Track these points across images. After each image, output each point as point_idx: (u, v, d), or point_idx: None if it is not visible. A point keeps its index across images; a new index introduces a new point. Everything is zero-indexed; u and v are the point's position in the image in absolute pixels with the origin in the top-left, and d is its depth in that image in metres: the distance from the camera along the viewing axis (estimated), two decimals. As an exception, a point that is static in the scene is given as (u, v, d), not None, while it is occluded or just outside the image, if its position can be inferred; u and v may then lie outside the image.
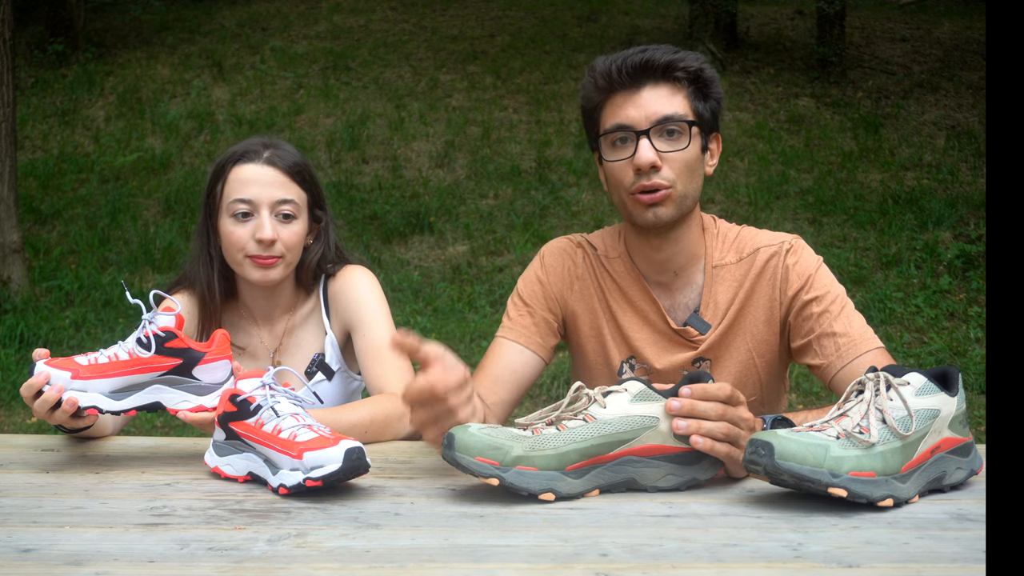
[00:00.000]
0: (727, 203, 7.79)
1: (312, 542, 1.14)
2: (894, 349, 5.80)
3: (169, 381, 1.50)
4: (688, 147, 1.71)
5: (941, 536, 1.16)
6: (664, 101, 1.70)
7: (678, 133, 1.70)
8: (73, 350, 5.93)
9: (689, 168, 1.72)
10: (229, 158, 1.87)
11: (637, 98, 1.70)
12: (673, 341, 1.82)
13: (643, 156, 1.68)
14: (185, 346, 1.50)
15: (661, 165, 1.69)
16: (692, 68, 1.71)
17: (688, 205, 1.75)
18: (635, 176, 1.70)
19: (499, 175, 8.32)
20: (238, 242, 1.82)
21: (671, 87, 1.71)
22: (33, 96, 9.73)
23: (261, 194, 1.82)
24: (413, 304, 6.54)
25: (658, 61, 1.69)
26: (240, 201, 1.82)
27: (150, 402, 1.49)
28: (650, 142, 1.68)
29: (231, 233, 1.83)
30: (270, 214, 1.82)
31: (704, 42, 10.01)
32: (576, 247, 1.91)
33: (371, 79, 10.09)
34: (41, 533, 1.18)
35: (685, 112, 1.71)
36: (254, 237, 1.81)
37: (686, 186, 1.72)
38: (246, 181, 1.83)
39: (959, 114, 9.38)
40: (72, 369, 1.46)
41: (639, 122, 1.69)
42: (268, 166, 1.84)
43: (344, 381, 1.96)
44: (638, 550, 1.11)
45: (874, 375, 1.31)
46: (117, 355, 1.49)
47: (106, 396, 1.47)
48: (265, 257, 1.82)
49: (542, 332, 1.86)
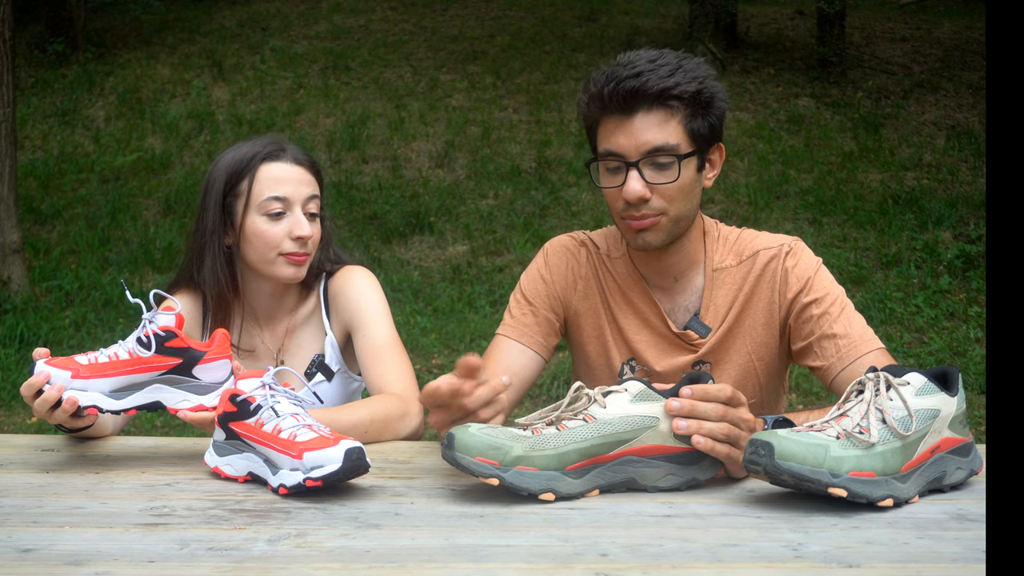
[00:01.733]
0: (727, 203, 7.79)
1: (312, 542, 1.14)
2: (894, 349, 5.80)
3: (169, 380, 1.50)
4: (679, 179, 1.67)
5: (941, 536, 1.16)
6: (655, 130, 1.65)
7: (668, 165, 1.66)
8: (73, 350, 5.92)
9: (682, 193, 1.69)
10: (260, 157, 1.84)
11: (629, 126, 1.65)
12: (673, 344, 1.82)
13: (631, 190, 1.66)
14: (185, 345, 1.50)
15: (650, 197, 1.67)
16: (688, 93, 1.65)
17: (682, 227, 1.74)
18: (625, 205, 1.69)
19: (499, 175, 8.32)
20: (273, 240, 1.82)
21: (665, 113, 1.65)
22: (33, 96, 9.73)
23: (295, 192, 1.83)
24: (413, 304, 6.54)
25: (651, 89, 1.63)
26: (275, 199, 1.82)
27: (150, 401, 1.49)
28: (639, 173, 1.66)
29: (265, 232, 1.82)
30: (303, 211, 1.84)
31: (704, 42, 10.01)
32: (580, 245, 1.91)
33: (371, 79, 10.09)
34: (41, 533, 1.18)
35: (678, 141, 1.66)
36: (291, 235, 1.82)
37: (679, 210, 1.70)
38: (279, 179, 1.83)
39: (959, 114, 9.38)
40: (72, 368, 1.46)
41: (629, 152, 1.66)
42: (296, 164, 1.86)
43: (344, 382, 1.96)
44: (638, 550, 1.11)
45: (874, 375, 1.31)
46: (117, 354, 1.49)
47: (106, 395, 1.47)
48: (301, 254, 1.83)
49: (544, 331, 1.86)
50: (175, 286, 1.96)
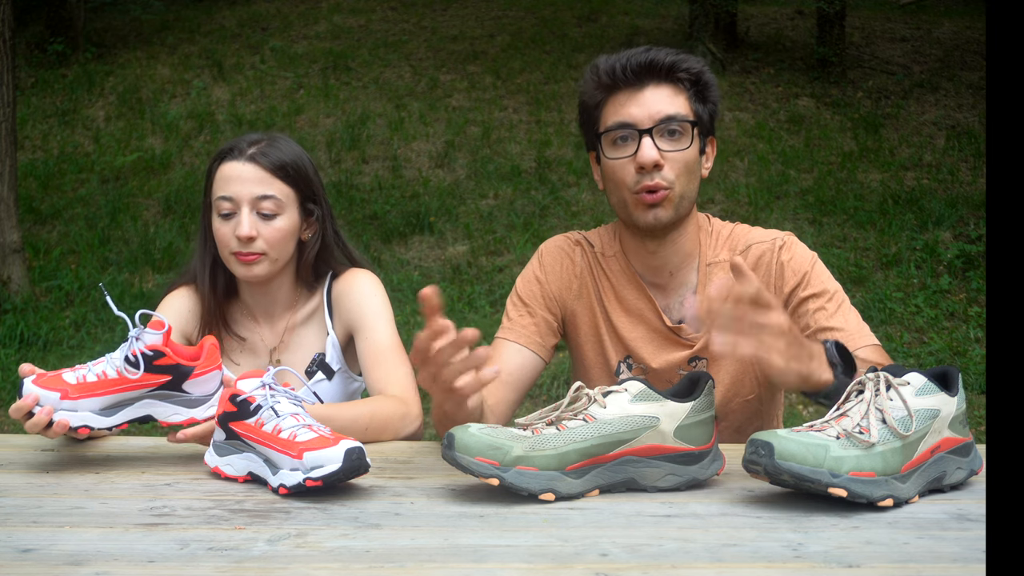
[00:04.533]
0: (727, 203, 7.79)
1: (312, 542, 1.14)
2: (894, 349, 5.80)
3: (159, 396, 1.50)
4: (689, 147, 1.72)
5: (941, 536, 1.16)
6: (667, 101, 1.72)
7: (680, 133, 1.72)
8: (73, 350, 5.93)
9: (688, 169, 1.73)
10: (217, 156, 1.89)
11: (640, 97, 1.72)
12: (669, 340, 1.82)
13: (646, 154, 1.69)
14: (174, 362, 1.49)
15: (663, 164, 1.70)
16: (694, 70, 1.74)
17: (685, 207, 1.76)
18: (637, 175, 1.71)
19: (499, 175, 8.32)
20: (223, 239, 1.85)
21: (673, 88, 1.73)
22: (33, 96, 9.73)
23: (241, 191, 1.83)
24: (413, 304, 6.54)
25: (662, 61, 1.72)
26: (223, 199, 1.84)
27: (141, 415, 1.50)
28: (653, 141, 1.69)
29: (217, 231, 1.86)
30: (250, 211, 1.83)
31: (704, 42, 10.00)
32: (574, 245, 1.91)
33: (371, 79, 10.09)
34: (41, 533, 1.18)
35: (687, 113, 1.73)
36: (235, 234, 1.83)
37: (684, 187, 1.73)
38: (228, 179, 1.85)
39: (959, 114, 9.37)
40: (60, 389, 1.45)
41: (642, 120, 1.71)
42: (249, 163, 1.85)
43: (344, 382, 1.97)
44: (638, 550, 1.11)
45: (874, 375, 1.31)
46: (106, 373, 1.48)
47: (96, 414, 1.47)
48: (246, 254, 1.84)
49: (542, 332, 1.86)
50: (178, 283, 1.99)
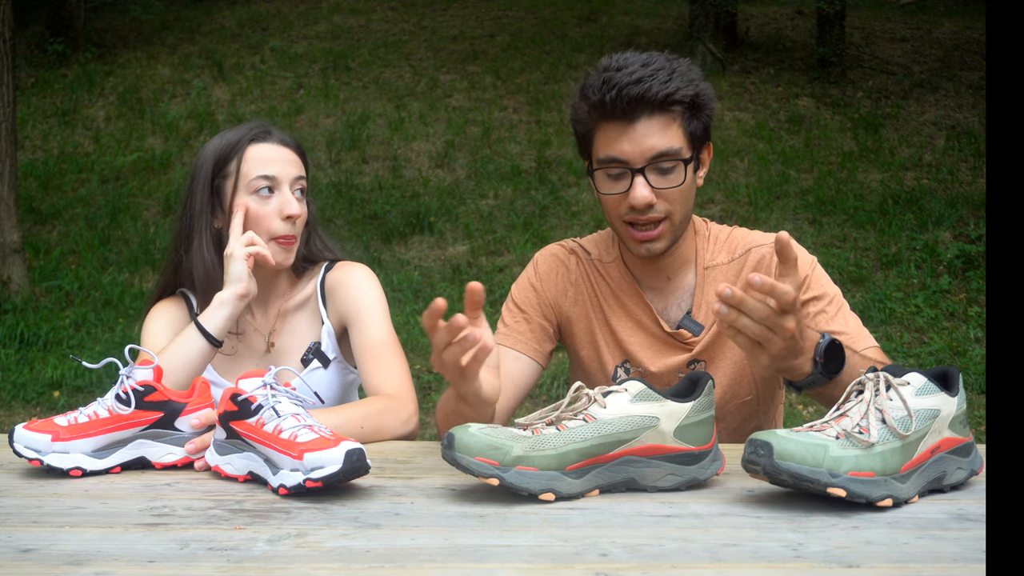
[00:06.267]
0: (727, 203, 7.79)
1: (312, 542, 1.14)
2: (894, 349, 5.80)
3: (151, 435, 1.50)
4: (684, 182, 1.69)
5: (941, 536, 1.16)
6: (658, 136, 1.66)
7: (672, 169, 1.68)
8: (73, 350, 5.93)
9: (684, 197, 1.72)
10: (240, 139, 1.86)
11: (631, 132, 1.66)
12: (667, 344, 1.82)
13: (638, 196, 1.67)
14: (166, 398, 1.50)
15: (656, 202, 1.68)
16: (688, 97, 1.67)
17: (683, 229, 1.76)
18: (628, 210, 1.70)
19: (499, 175, 8.32)
20: (263, 219, 1.83)
21: (666, 118, 1.67)
22: (33, 96, 9.73)
23: (282, 171, 1.85)
24: (413, 304, 6.54)
25: (655, 96, 1.64)
26: (263, 178, 1.83)
27: (134, 458, 1.49)
28: (645, 179, 1.67)
29: (257, 211, 1.83)
30: (290, 191, 1.85)
31: (704, 42, 10.01)
32: (569, 253, 1.91)
33: (371, 79, 10.09)
34: (41, 533, 1.18)
35: (680, 145, 1.68)
36: (280, 214, 1.83)
37: (680, 213, 1.72)
38: (267, 159, 1.85)
39: (959, 114, 9.38)
40: (52, 431, 1.45)
41: (634, 159, 1.66)
42: (282, 146, 1.88)
43: (340, 372, 1.96)
44: (638, 550, 1.11)
45: (874, 375, 1.31)
46: (97, 413, 1.48)
47: (88, 456, 1.46)
48: (290, 236, 1.84)
49: (538, 337, 1.87)
50: (158, 298, 1.97)
